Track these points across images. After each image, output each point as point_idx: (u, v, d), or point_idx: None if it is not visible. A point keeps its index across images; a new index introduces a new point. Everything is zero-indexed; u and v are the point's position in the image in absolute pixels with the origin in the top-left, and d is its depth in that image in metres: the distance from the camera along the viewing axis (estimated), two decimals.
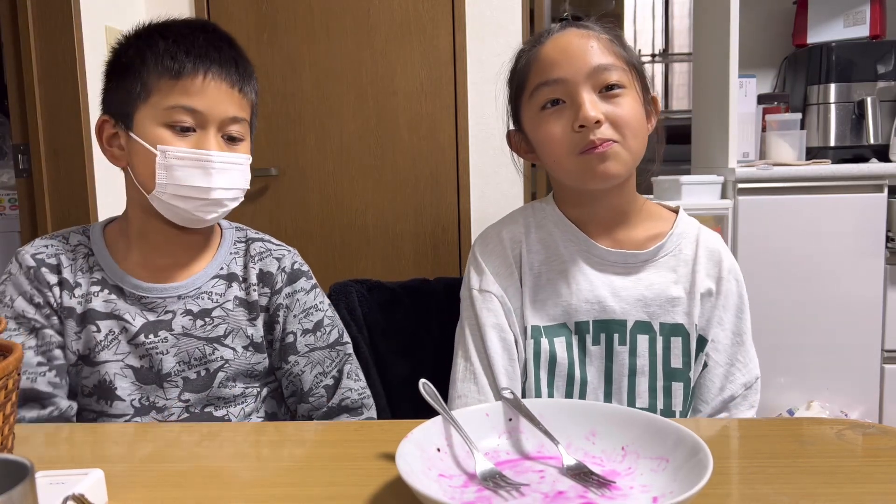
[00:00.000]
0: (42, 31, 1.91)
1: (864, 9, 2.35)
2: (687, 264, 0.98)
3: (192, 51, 0.92)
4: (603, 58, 0.92)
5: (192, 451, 0.72)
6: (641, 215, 1.01)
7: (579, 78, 0.91)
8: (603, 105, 0.90)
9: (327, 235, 2.32)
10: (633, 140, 0.91)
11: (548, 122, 0.93)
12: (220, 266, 1.02)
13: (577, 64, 0.91)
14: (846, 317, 2.10)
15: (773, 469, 0.65)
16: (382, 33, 2.26)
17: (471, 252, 1.03)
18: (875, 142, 2.26)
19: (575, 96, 0.91)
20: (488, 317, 0.97)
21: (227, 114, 0.94)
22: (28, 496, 0.42)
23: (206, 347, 0.98)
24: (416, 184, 2.31)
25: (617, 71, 0.92)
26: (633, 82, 0.94)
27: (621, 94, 0.91)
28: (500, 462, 0.63)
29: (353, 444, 0.73)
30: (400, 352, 1.23)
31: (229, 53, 0.96)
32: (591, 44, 0.92)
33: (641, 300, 0.96)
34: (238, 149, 0.96)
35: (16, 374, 0.61)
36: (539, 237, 1.01)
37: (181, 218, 0.95)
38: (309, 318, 1.03)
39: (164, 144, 0.91)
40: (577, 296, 0.96)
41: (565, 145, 0.91)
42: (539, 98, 0.94)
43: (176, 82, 0.91)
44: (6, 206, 2.86)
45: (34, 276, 0.95)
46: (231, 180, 0.95)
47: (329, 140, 2.31)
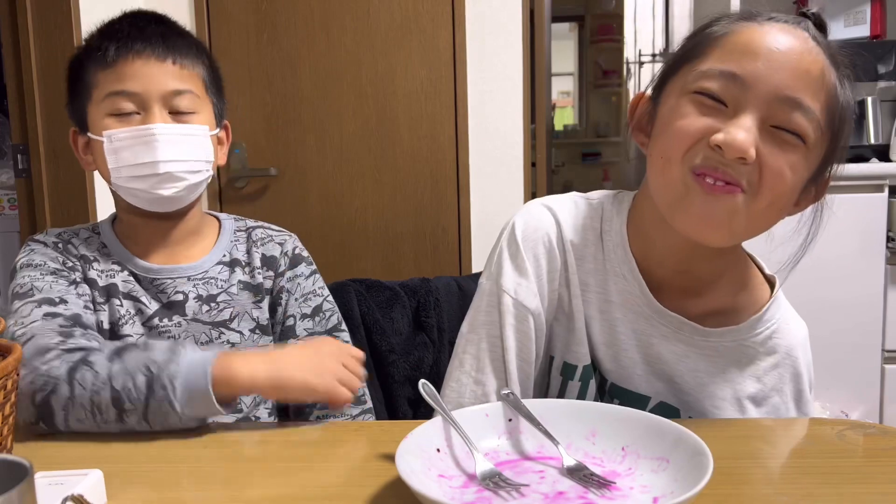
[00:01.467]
0: (42, 31, 1.90)
1: (864, 9, 2.36)
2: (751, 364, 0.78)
3: (115, 36, 0.94)
4: (804, 89, 0.67)
5: (192, 451, 0.72)
6: (732, 281, 0.80)
7: (763, 92, 0.67)
8: (763, 142, 0.67)
9: (327, 235, 2.32)
10: (765, 203, 0.68)
11: (691, 109, 0.70)
12: (222, 253, 1.03)
13: (775, 76, 0.67)
14: (846, 317, 2.10)
15: (773, 469, 0.65)
16: (382, 33, 2.26)
17: (510, 232, 0.82)
18: (875, 142, 2.26)
19: (741, 108, 0.67)
20: (515, 338, 0.79)
21: (165, 87, 0.93)
22: (27, 496, 0.42)
23: (212, 332, 0.98)
24: (416, 184, 2.31)
25: (811, 120, 0.67)
26: (818, 143, 0.69)
27: (794, 148, 0.68)
28: (499, 462, 0.63)
29: (353, 444, 0.73)
30: (399, 351, 1.22)
31: (155, 29, 0.96)
32: (809, 65, 0.67)
33: (677, 383, 0.78)
34: (189, 121, 0.96)
35: (15, 374, 0.61)
36: (595, 254, 0.81)
37: (143, 200, 0.95)
38: (308, 303, 1.04)
39: (108, 131, 0.93)
40: (604, 347, 0.80)
41: (686, 145, 0.69)
42: (703, 81, 0.69)
43: (108, 71, 0.93)
44: (5, 206, 2.85)
45: (62, 249, 0.96)
46: (182, 152, 0.94)
47: (329, 140, 2.31)
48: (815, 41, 0.69)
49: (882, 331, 2.12)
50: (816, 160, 0.71)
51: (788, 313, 0.82)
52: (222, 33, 2.27)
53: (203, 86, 0.99)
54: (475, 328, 0.81)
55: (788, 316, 0.82)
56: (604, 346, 0.80)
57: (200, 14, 2.25)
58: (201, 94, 0.98)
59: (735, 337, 0.78)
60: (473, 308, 0.83)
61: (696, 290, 0.79)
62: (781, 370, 0.80)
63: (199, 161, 0.96)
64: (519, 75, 2.25)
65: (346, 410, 1.01)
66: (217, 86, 1.04)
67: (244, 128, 2.29)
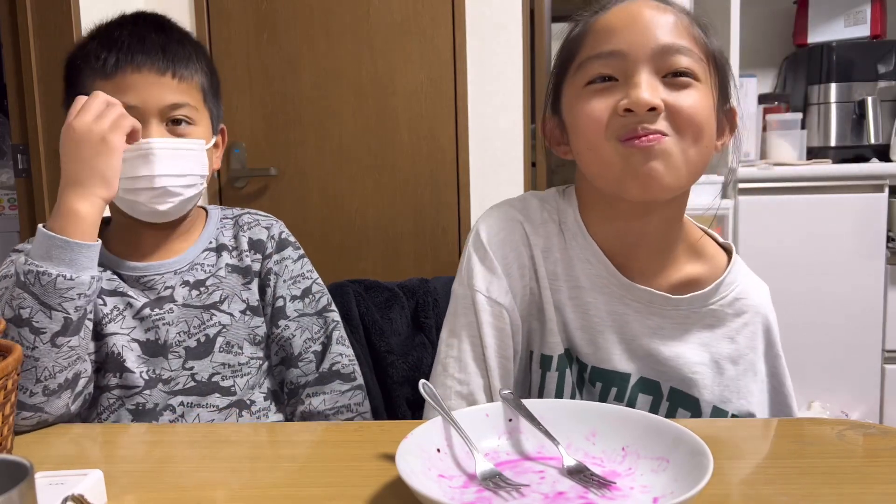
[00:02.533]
0: (42, 31, 1.90)
1: (864, 8, 2.35)
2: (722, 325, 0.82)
3: (114, 46, 0.94)
4: (676, 37, 0.74)
5: (192, 451, 0.72)
6: (689, 250, 0.84)
7: (641, 54, 0.73)
8: (664, 91, 0.73)
9: (327, 235, 2.32)
10: (692, 143, 0.73)
11: (590, 99, 0.75)
12: (208, 241, 1.04)
13: (642, 37, 0.74)
14: (846, 317, 2.11)
15: (773, 469, 0.65)
16: (382, 33, 2.26)
17: (475, 237, 0.84)
18: (876, 142, 2.26)
19: (631, 73, 0.73)
20: (493, 335, 0.81)
21: (163, 102, 0.94)
22: (27, 497, 0.42)
23: (203, 314, 0.99)
24: (416, 184, 2.31)
25: (691, 57, 0.74)
26: (708, 78, 0.76)
27: (691, 86, 0.74)
28: (500, 462, 0.63)
29: (353, 444, 0.73)
30: (397, 352, 1.22)
31: (155, 40, 0.95)
32: (667, 18, 0.75)
33: (654, 356, 0.81)
34: (186, 134, 0.96)
35: (15, 374, 0.61)
36: (559, 244, 0.84)
37: (141, 213, 0.96)
38: (297, 286, 1.05)
39: None
40: (580, 332, 0.82)
41: (602, 126, 0.74)
42: (587, 71, 0.76)
43: (106, 82, 0.93)
44: (5, 206, 2.86)
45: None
46: (179, 167, 0.94)
47: (329, 140, 2.31)
48: (663, 2, 0.77)
49: (882, 331, 2.12)
50: (714, 91, 0.77)
51: (749, 275, 0.87)
52: (222, 33, 2.27)
53: (202, 96, 1.00)
54: (455, 332, 0.83)
55: (749, 278, 0.86)
56: (579, 331, 0.82)
57: (200, 14, 2.25)
58: (199, 105, 0.99)
59: (703, 301, 0.82)
60: (451, 314, 0.85)
61: (660, 265, 0.83)
62: (752, 327, 0.84)
63: (193, 175, 0.97)
64: (519, 75, 2.25)
65: (335, 387, 1.03)
66: (215, 91, 1.04)
67: (244, 128, 2.29)
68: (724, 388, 0.82)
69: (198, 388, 0.98)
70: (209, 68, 1.02)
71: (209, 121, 1.02)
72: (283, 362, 1.05)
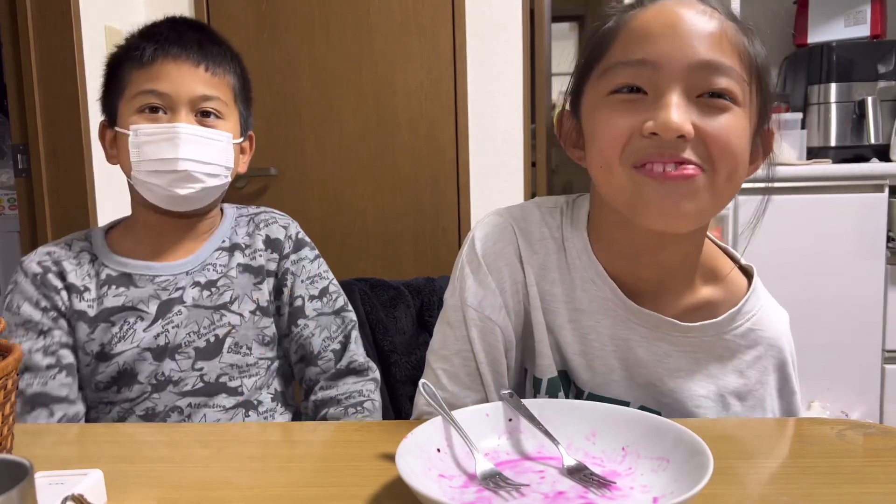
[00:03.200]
0: (42, 32, 1.90)
1: (864, 8, 2.35)
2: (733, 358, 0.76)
3: (152, 38, 0.97)
4: (719, 52, 0.65)
5: (192, 451, 0.72)
6: (705, 272, 0.77)
7: (678, 67, 0.65)
8: (697, 115, 0.65)
9: (327, 235, 2.32)
10: (724, 175, 0.66)
11: (612, 110, 0.68)
12: (221, 240, 1.05)
13: (680, 49, 0.65)
14: (847, 317, 2.10)
15: (773, 469, 0.65)
16: (382, 33, 2.26)
17: (470, 246, 0.80)
18: (876, 142, 2.26)
19: (662, 91, 0.65)
20: (485, 351, 0.77)
21: (194, 92, 0.97)
22: (27, 496, 0.42)
23: (213, 315, 1.00)
24: (416, 184, 2.31)
25: (732, 77, 0.66)
26: (749, 101, 0.68)
27: (728, 110, 0.66)
28: (500, 462, 0.63)
29: (353, 444, 0.73)
30: (401, 351, 1.22)
31: (192, 36, 0.99)
32: (712, 27, 0.66)
33: (656, 386, 0.76)
34: (215, 126, 0.98)
35: (15, 374, 0.61)
36: (558, 263, 0.78)
37: (160, 197, 0.97)
38: (315, 285, 1.06)
39: (135, 125, 0.95)
40: (577, 357, 0.77)
41: (620, 147, 0.67)
42: (614, 78, 0.68)
43: (142, 70, 0.96)
44: (5, 206, 2.85)
45: (41, 282, 0.97)
46: (202, 153, 0.96)
47: (329, 140, 2.30)
48: (707, 5, 0.68)
49: (882, 331, 2.12)
50: (753, 114, 0.69)
51: (768, 303, 0.80)
52: (222, 33, 2.26)
53: (232, 94, 1.02)
54: (447, 344, 0.79)
55: (768, 305, 0.79)
56: (577, 356, 0.77)
57: (200, 14, 2.25)
58: (229, 101, 1.01)
59: (715, 331, 0.75)
60: (442, 323, 0.81)
61: (671, 288, 0.76)
62: (764, 362, 0.77)
63: (218, 165, 0.98)
64: (519, 75, 2.25)
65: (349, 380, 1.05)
66: (246, 96, 1.07)
67: None
68: None
69: (206, 389, 0.98)
70: (242, 74, 1.06)
71: (238, 121, 1.04)
72: (303, 360, 1.06)
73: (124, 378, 0.96)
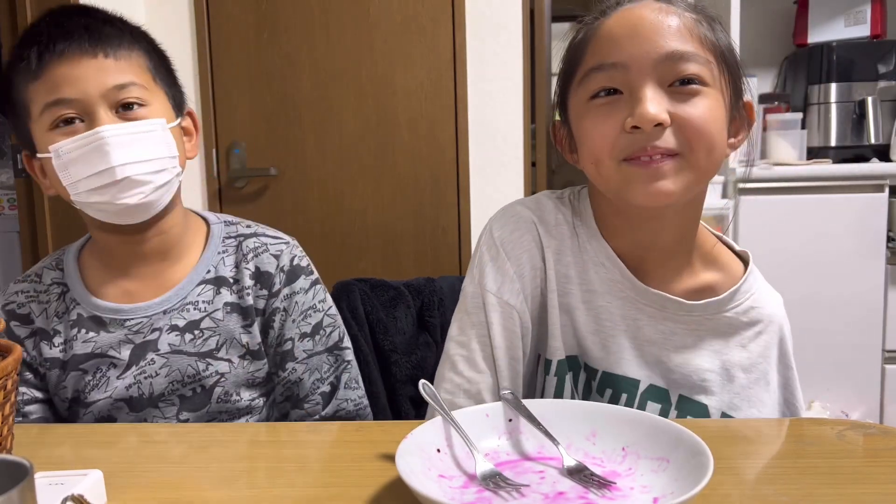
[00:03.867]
0: None
1: (864, 8, 2.35)
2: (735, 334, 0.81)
3: (34, 41, 0.83)
4: (681, 42, 0.71)
5: (191, 451, 0.72)
6: (704, 257, 0.83)
7: (645, 64, 0.71)
8: (671, 103, 0.71)
9: (327, 235, 2.32)
10: (703, 154, 0.72)
11: (595, 115, 0.74)
12: (206, 269, 0.94)
13: (646, 46, 0.71)
14: (847, 317, 2.11)
15: (773, 469, 0.65)
16: (382, 33, 2.26)
17: (488, 236, 0.84)
18: (876, 141, 2.26)
19: (635, 87, 0.71)
20: (503, 336, 0.80)
21: (104, 85, 0.83)
22: (27, 497, 0.42)
23: (198, 364, 0.91)
24: (416, 184, 2.31)
25: (698, 61, 0.71)
26: (719, 79, 0.73)
27: (699, 93, 0.71)
28: (500, 463, 0.63)
29: (353, 444, 0.73)
30: (402, 350, 1.22)
31: (77, 22, 0.84)
32: (670, 22, 0.72)
33: (664, 363, 0.80)
34: (141, 117, 0.85)
35: (15, 374, 0.61)
36: (572, 247, 0.83)
37: (110, 214, 0.86)
38: (307, 321, 0.96)
39: (54, 144, 0.83)
40: (591, 336, 0.81)
41: (609, 146, 0.73)
42: (590, 84, 0.74)
43: (38, 82, 0.83)
44: (5, 206, 2.85)
45: (3, 333, 0.90)
46: (138, 152, 0.84)
47: (329, 140, 2.30)
48: (664, 2, 0.74)
49: (882, 331, 2.12)
50: (726, 91, 0.74)
51: (764, 285, 0.86)
52: (222, 33, 2.27)
53: (148, 74, 0.88)
54: (464, 330, 0.82)
55: (764, 287, 0.85)
56: (591, 335, 0.81)
57: (200, 14, 2.25)
58: (148, 84, 0.88)
59: (717, 308, 0.80)
60: (461, 312, 0.84)
61: (673, 270, 0.81)
62: (766, 337, 0.83)
63: (160, 159, 0.86)
64: (519, 75, 2.25)
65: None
66: (166, 71, 0.92)
67: (244, 128, 2.29)
68: (733, 395, 0.80)
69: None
70: (153, 48, 0.91)
71: (166, 102, 0.90)
72: (288, 400, 0.97)
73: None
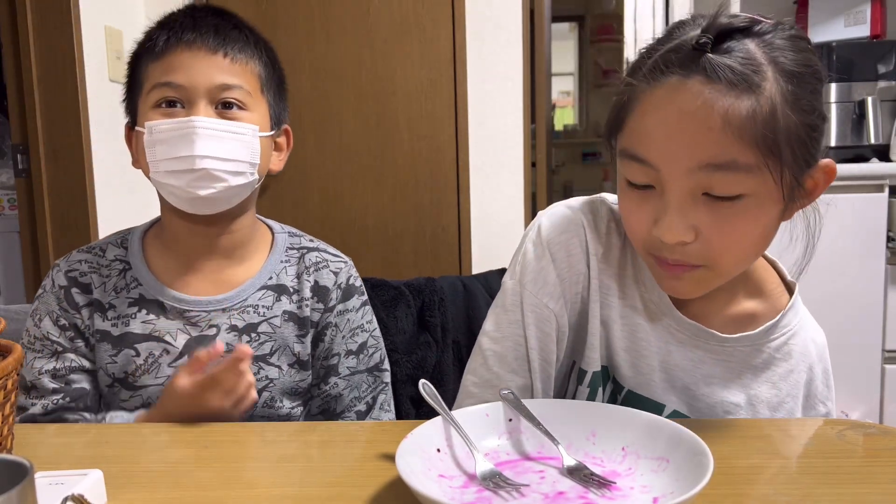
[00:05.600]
0: (42, 31, 1.90)
1: (864, 8, 2.35)
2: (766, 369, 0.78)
3: (167, 27, 0.90)
4: (722, 151, 0.61)
5: (192, 451, 0.72)
6: (748, 285, 0.79)
7: (678, 173, 0.64)
8: (701, 215, 0.65)
9: (327, 235, 2.30)
10: (731, 266, 0.69)
11: (629, 202, 0.70)
12: (268, 275, 0.96)
13: (681, 153, 0.63)
14: (846, 317, 2.10)
15: (773, 469, 0.65)
16: (382, 33, 2.26)
17: (536, 232, 0.80)
18: (876, 142, 2.26)
19: (666, 194, 0.66)
20: (537, 338, 0.78)
21: (212, 82, 0.88)
22: (27, 497, 0.42)
23: (252, 366, 0.91)
24: (416, 184, 2.31)
25: (739, 171, 0.62)
26: (770, 178, 0.63)
27: (738, 204, 0.64)
28: (500, 462, 0.63)
29: (353, 444, 0.73)
30: (402, 350, 1.22)
31: (210, 21, 0.90)
32: (713, 120, 0.61)
33: (691, 390, 0.78)
34: (237, 118, 0.89)
35: (15, 374, 0.61)
36: (619, 258, 0.80)
37: (180, 200, 0.89)
38: (354, 339, 0.98)
39: (150, 122, 0.88)
40: (623, 353, 0.79)
41: (639, 239, 0.71)
42: (625, 170, 0.69)
43: (157, 63, 0.88)
44: (5, 206, 2.85)
45: (63, 297, 0.93)
46: (223, 149, 0.87)
47: (329, 140, 2.31)
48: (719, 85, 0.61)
49: (882, 331, 2.12)
50: (775, 189, 0.64)
51: (807, 320, 0.82)
52: None
53: (258, 83, 0.93)
54: (499, 326, 0.80)
55: (806, 323, 0.81)
56: (623, 352, 0.79)
57: None
58: (254, 91, 0.92)
59: (751, 342, 0.77)
60: (498, 306, 0.81)
61: (715, 300, 0.77)
62: (797, 376, 0.79)
63: (241, 162, 0.89)
64: (519, 75, 2.25)
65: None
66: (277, 86, 0.97)
67: None
68: None
69: None
70: (271, 61, 0.96)
71: (266, 112, 0.94)
72: (323, 413, 0.99)
73: None
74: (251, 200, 0.97)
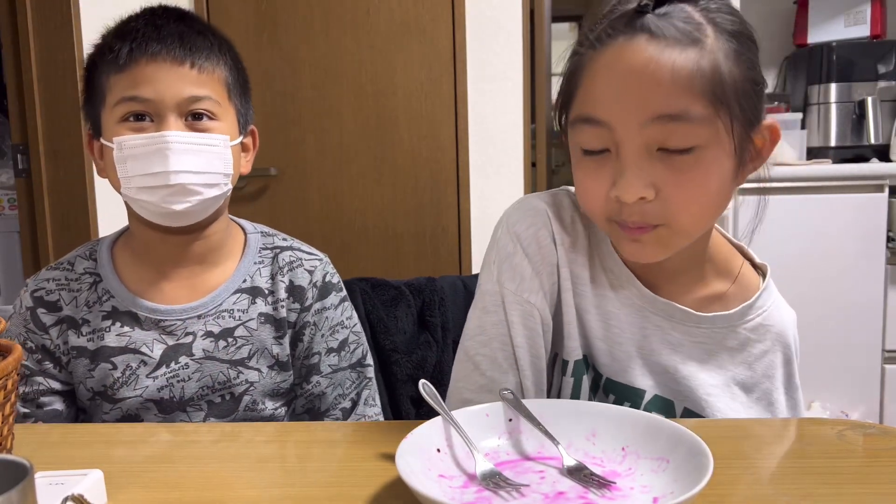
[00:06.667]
0: (42, 31, 1.91)
1: (864, 8, 2.36)
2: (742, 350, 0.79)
3: (128, 36, 0.87)
4: (673, 101, 0.63)
5: (191, 451, 0.72)
6: (716, 267, 0.80)
7: (631, 127, 0.65)
8: (658, 171, 0.66)
9: (327, 235, 2.32)
10: (690, 222, 0.69)
11: (584, 172, 0.71)
12: (242, 278, 0.95)
13: (632, 106, 0.64)
14: (847, 317, 2.10)
15: (773, 469, 0.65)
16: (382, 33, 2.26)
17: (504, 231, 0.80)
18: (876, 142, 2.26)
19: (621, 153, 0.67)
20: (524, 335, 0.78)
21: (180, 95, 0.86)
22: (27, 497, 0.42)
23: (230, 371, 0.92)
24: (416, 184, 2.31)
25: (692, 121, 0.63)
26: (721, 130, 0.65)
27: (693, 157, 0.65)
28: (500, 462, 0.63)
29: (353, 444, 0.73)
30: (402, 350, 1.22)
31: (173, 29, 0.88)
32: (662, 74, 0.63)
33: (670, 373, 0.78)
34: (208, 129, 0.88)
35: (15, 374, 0.61)
36: (585, 247, 0.80)
37: (154, 214, 0.88)
38: (335, 337, 0.98)
39: (119, 137, 0.86)
40: (599, 342, 0.79)
41: (597, 207, 0.71)
42: (579, 136, 0.70)
43: (121, 75, 0.86)
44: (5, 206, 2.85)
45: (29, 318, 0.92)
46: (197, 163, 0.86)
47: (329, 140, 2.30)
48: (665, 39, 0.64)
49: (882, 331, 2.12)
50: (727, 142, 0.66)
51: (779, 301, 0.83)
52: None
53: (225, 91, 0.92)
54: (484, 329, 0.80)
55: (779, 303, 0.83)
56: (599, 341, 0.79)
57: (200, 14, 2.25)
58: (222, 99, 0.91)
59: (727, 323, 0.78)
60: (478, 310, 0.81)
61: (682, 281, 0.79)
62: (772, 356, 0.80)
63: (215, 174, 0.89)
64: (519, 75, 2.25)
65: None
66: (242, 89, 0.96)
67: None
68: (736, 413, 0.79)
69: None
70: (235, 63, 0.95)
71: (235, 118, 0.93)
72: (308, 412, 0.99)
73: (132, 420, 0.92)
74: (224, 205, 0.97)
